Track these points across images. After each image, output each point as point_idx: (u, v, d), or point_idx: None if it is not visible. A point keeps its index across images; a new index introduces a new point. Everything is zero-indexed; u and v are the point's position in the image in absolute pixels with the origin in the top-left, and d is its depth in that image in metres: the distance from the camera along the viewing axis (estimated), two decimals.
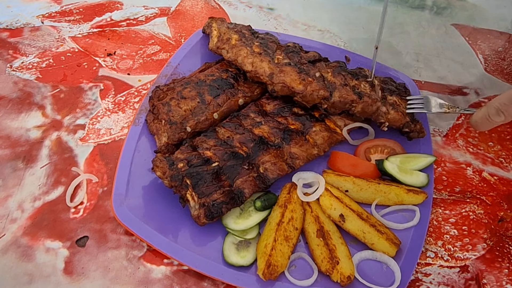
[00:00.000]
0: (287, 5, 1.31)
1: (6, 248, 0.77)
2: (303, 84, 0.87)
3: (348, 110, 0.89)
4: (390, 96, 0.90)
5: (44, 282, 0.73)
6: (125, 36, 1.17)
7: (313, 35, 1.20)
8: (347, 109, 0.88)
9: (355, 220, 0.76)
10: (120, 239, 0.78)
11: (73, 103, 1.00)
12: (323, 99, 0.88)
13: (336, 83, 0.89)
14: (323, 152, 0.87)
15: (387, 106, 0.88)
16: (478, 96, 1.07)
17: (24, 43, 1.14)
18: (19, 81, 1.05)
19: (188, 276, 0.74)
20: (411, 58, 1.16)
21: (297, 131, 0.86)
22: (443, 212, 0.85)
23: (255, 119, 0.88)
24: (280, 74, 0.89)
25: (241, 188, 0.77)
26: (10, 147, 0.91)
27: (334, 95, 0.87)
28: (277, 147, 0.84)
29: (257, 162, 0.81)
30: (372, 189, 0.81)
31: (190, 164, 0.79)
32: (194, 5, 1.29)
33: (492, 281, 0.76)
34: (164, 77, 0.99)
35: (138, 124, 0.90)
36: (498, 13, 1.33)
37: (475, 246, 0.80)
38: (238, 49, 0.94)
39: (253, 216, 0.78)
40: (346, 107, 0.88)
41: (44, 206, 0.82)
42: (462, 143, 0.97)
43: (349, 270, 0.71)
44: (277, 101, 0.92)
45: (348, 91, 0.88)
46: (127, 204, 0.78)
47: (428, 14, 1.31)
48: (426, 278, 0.76)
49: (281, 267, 0.71)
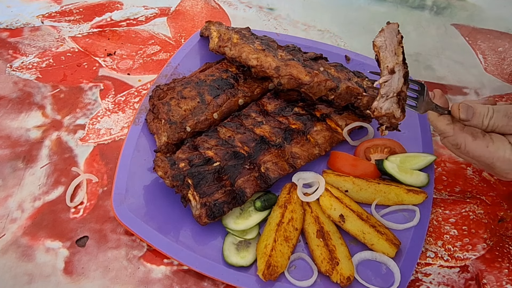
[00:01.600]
0: (287, 5, 1.31)
1: (6, 248, 0.77)
2: (310, 75, 0.88)
3: (353, 103, 0.89)
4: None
5: (44, 282, 0.73)
6: (125, 36, 1.17)
7: (313, 35, 1.20)
8: (352, 102, 0.89)
9: (355, 220, 0.76)
10: (120, 239, 0.78)
11: (73, 103, 1.00)
12: (330, 90, 0.88)
13: (340, 77, 0.90)
14: (324, 152, 0.87)
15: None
16: (478, 96, 1.07)
17: (24, 43, 1.14)
18: (19, 81, 1.05)
19: (188, 276, 0.74)
20: (411, 58, 1.16)
21: (298, 131, 0.86)
22: (443, 212, 0.85)
23: (256, 118, 0.88)
24: (286, 67, 0.89)
25: (243, 188, 0.78)
26: (10, 147, 0.91)
27: (341, 86, 0.87)
28: (278, 146, 0.84)
29: (259, 162, 0.82)
30: (372, 189, 0.81)
31: (192, 164, 0.79)
32: (194, 5, 1.29)
33: (492, 281, 0.76)
34: (164, 77, 0.99)
35: (138, 123, 0.91)
36: (498, 13, 1.33)
37: (475, 246, 0.80)
38: (241, 46, 0.95)
39: (253, 216, 0.78)
40: (352, 99, 0.88)
41: (44, 206, 0.82)
42: None
43: (348, 271, 0.71)
44: (278, 101, 0.92)
45: (354, 83, 0.89)
46: (127, 204, 0.78)
47: (428, 14, 1.31)
48: (426, 278, 0.76)
49: (281, 267, 0.71)
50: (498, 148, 0.70)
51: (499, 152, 0.69)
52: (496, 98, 1.06)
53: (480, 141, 0.70)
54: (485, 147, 0.70)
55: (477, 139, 0.70)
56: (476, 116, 0.70)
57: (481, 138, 0.70)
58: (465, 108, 0.70)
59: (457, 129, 0.71)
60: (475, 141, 0.70)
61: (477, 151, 0.70)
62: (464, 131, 0.71)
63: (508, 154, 0.69)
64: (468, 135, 0.71)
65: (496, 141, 0.70)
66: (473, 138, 0.70)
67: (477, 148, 0.70)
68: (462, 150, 0.72)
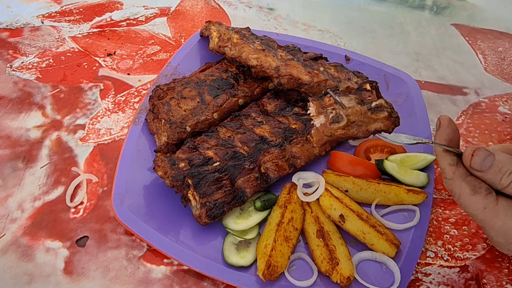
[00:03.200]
0: (287, 5, 1.31)
1: (6, 248, 0.77)
2: (310, 75, 0.88)
3: None
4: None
5: (44, 282, 0.73)
6: (125, 36, 1.18)
7: (313, 35, 1.20)
8: None
9: (355, 220, 0.76)
10: (120, 239, 0.78)
11: (73, 103, 1.00)
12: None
13: (340, 77, 0.90)
14: (324, 152, 0.87)
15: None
16: (478, 96, 1.07)
17: (24, 43, 1.14)
18: (19, 81, 1.05)
19: (188, 276, 0.74)
20: (411, 58, 1.16)
21: (298, 131, 0.87)
22: (443, 212, 0.85)
23: (256, 118, 0.88)
24: (286, 67, 0.89)
25: (243, 188, 0.78)
26: (10, 147, 0.91)
27: (341, 86, 0.87)
28: (278, 146, 0.84)
29: (258, 162, 0.82)
30: (372, 189, 0.81)
31: (192, 164, 0.79)
32: (194, 5, 1.29)
33: (492, 281, 0.76)
34: (164, 77, 0.99)
35: (138, 123, 0.90)
36: (498, 13, 1.33)
37: (475, 246, 0.80)
38: (241, 46, 0.95)
39: (253, 216, 0.78)
40: None
41: (44, 206, 0.82)
42: (462, 143, 0.97)
43: (348, 271, 0.71)
44: (278, 101, 0.92)
45: (354, 84, 0.89)
46: (127, 204, 0.78)
47: (428, 14, 1.31)
48: (426, 278, 0.76)
49: (281, 267, 0.71)
50: (497, 215, 0.57)
51: (496, 220, 0.57)
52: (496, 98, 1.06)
53: (479, 198, 0.58)
54: (482, 208, 0.57)
55: (476, 195, 0.58)
56: (494, 170, 0.56)
57: (482, 195, 0.58)
58: (482, 156, 0.57)
59: (458, 174, 0.59)
60: (473, 196, 0.58)
61: (470, 209, 0.59)
62: (465, 181, 0.59)
63: (508, 225, 0.56)
64: (467, 186, 0.58)
65: (501, 206, 0.57)
66: (471, 192, 0.58)
67: (471, 205, 0.58)
68: (455, 199, 0.61)
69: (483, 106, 1.05)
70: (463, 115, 1.02)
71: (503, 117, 1.02)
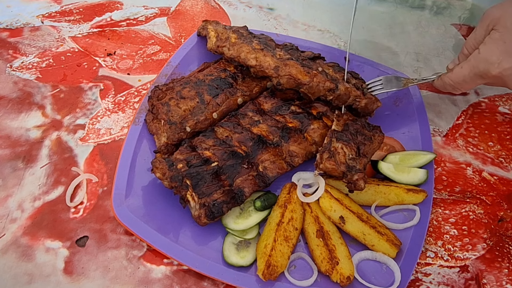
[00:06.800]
0: (287, 5, 1.31)
1: (6, 248, 0.77)
2: (309, 76, 0.88)
3: (351, 104, 0.89)
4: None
5: (44, 282, 0.73)
6: (125, 36, 1.17)
7: (313, 35, 1.20)
8: (350, 103, 0.89)
9: (355, 222, 0.76)
10: (120, 239, 0.78)
11: (73, 103, 1.00)
12: (328, 90, 0.88)
13: (338, 78, 0.90)
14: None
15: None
16: (478, 96, 1.07)
17: (24, 43, 1.14)
18: (19, 81, 1.05)
19: (188, 276, 0.74)
20: (411, 58, 1.16)
21: (295, 129, 0.87)
22: (443, 212, 0.85)
23: (253, 118, 0.88)
24: (285, 67, 0.89)
25: (241, 187, 0.78)
26: (10, 147, 0.91)
27: (340, 87, 0.87)
28: (275, 145, 0.84)
29: (257, 161, 0.82)
30: (372, 191, 0.81)
31: (190, 165, 0.79)
32: (194, 5, 1.29)
33: (492, 281, 0.76)
34: (164, 77, 0.99)
35: (138, 123, 0.90)
36: None
37: (475, 246, 0.80)
38: (239, 46, 0.94)
39: (252, 216, 0.78)
40: (350, 100, 0.88)
41: (44, 206, 0.82)
42: (462, 143, 0.97)
43: (348, 271, 0.71)
44: (274, 100, 0.92)
45: (352, 85, 0.89)
46: (127, 204, 0.78)
47: (428, 14, 1.31)
48: (426, 278, 0.76)
49: (281, 267, 0.71)
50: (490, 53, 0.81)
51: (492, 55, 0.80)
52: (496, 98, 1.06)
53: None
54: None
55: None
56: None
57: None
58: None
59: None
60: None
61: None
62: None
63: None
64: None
65: (483, 52, 0.81)
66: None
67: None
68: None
69: (483, 106, 1.05)
70: (463, 115, 1.02)
71: (503, 117, 1.02)
